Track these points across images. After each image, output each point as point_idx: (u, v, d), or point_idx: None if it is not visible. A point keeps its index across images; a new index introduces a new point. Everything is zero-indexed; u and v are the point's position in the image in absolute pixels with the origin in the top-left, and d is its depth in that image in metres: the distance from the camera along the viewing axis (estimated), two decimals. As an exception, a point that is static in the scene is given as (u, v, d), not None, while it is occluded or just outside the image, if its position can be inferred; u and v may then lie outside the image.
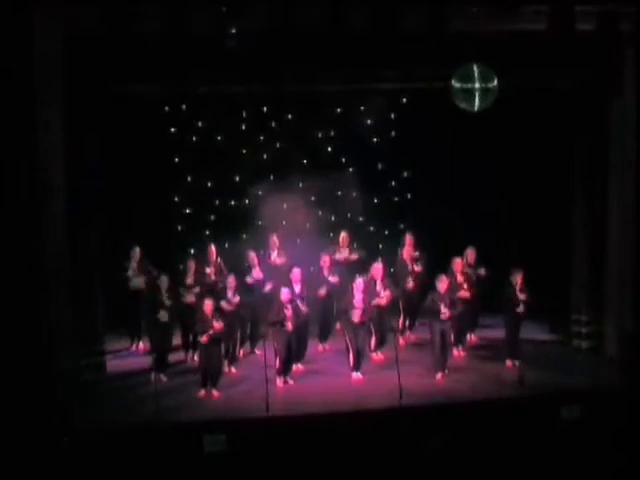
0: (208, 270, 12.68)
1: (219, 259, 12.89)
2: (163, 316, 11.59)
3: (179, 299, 12.03)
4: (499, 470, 9.65)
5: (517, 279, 11.91)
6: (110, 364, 12.28)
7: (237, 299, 11.91)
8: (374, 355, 12.37)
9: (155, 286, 11.93)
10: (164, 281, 11.80)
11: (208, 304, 11.07)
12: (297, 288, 11.79)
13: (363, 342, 11.79)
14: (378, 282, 12.15)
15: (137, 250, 12.99)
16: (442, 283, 11.62)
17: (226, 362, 11.81)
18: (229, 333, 11.63)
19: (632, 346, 11.89)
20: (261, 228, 14.19)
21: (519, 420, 10.26)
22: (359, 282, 11.76)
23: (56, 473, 9.36)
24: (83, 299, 11.59)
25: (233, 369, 12.01)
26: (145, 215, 13.73)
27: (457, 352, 12.56)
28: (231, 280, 11.93)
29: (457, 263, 12.55)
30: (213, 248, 12.93)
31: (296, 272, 11.89)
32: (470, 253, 13.03)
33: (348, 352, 11.80)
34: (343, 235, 13.32)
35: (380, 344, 12.45)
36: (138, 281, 12.86)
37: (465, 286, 12.46)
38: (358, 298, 11.67)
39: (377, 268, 12.22)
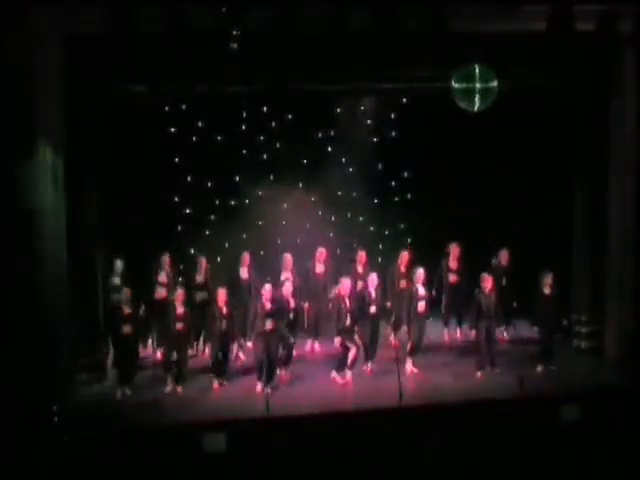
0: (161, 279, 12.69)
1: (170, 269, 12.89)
2: (126, 328, 11.28)
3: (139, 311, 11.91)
4: (499, 470, 9.64)
5: (547, 280, 11.80)
6: (110, 364, 12.27)
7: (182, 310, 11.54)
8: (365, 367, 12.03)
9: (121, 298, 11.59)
10: (125, 292, 11.49)
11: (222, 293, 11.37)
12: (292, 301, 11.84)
13: (376, 335, 11.95)
14: (372, 291, 12.01)
15: (119, 263, 12.74)
16: (486, 282, 11.84)
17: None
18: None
19: (632, 346, 11.89)
20: (261, 228, 14.23)
21: (519, 420, 10.26)
22: (373, 277, 11.95)
23: (55, 473, 9.36)
24: (83, 299, 11.63)
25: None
26: (145, 215, 13.73)
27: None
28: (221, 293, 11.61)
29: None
30: (167, 259, 12.88)
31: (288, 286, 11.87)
32: (504, 255, 13.24)
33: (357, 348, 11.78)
34: (361, 254, 13.23)
35: (372, 355, 12.08)
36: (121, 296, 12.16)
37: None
38: (373, 293, 11.86)
39: (372, 278, 12.09)
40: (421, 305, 11.97)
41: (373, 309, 11.82)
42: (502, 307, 12.80)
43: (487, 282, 11.84)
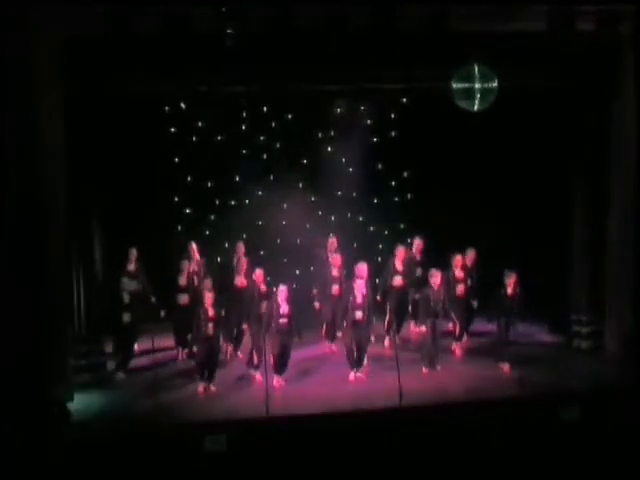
0: (190, 267, 12.68)
1: (200, 258, 12.94)
2: (126, 317, 11.81)
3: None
4: (498, 470, 9.65)
5: (510, 281, 11.76)
6: (110, 364, 12.27)
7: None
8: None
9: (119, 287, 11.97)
10: (124, 282, 11.93)
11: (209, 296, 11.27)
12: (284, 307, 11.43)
13: (366, 340, 11.77)
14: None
15: (134, 252, 12.78)
16: (435, 278, 11.79)
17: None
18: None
19: (632, 346, 11.90)
20: (261, 228, 14.25)
21: (518, 420, 10.26)
22: (359, 282, 11.71)
23: (55, 473, 9.37)
24: (83, 299, 11.65)
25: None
26: (145, 215, 13.74)
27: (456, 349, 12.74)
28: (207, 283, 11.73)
29: (457, 259, 12.66)
30: (194, 246, 13.00)
31: (282, 290, 11.43)
32: (470, 255, 13.04)
33: (349, 351, 11.73)
34: (332, 240, 13.13)
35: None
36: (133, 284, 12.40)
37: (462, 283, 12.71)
38: (359, 297, 11.60)
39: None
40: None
41: (359, 315, 11.55)
42: (464, 307, 12.76)
43: (436, 277, 11.77)
